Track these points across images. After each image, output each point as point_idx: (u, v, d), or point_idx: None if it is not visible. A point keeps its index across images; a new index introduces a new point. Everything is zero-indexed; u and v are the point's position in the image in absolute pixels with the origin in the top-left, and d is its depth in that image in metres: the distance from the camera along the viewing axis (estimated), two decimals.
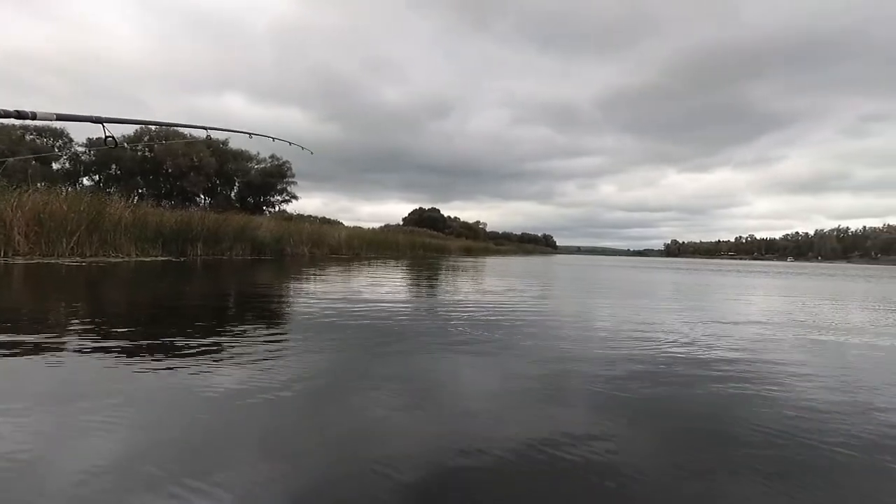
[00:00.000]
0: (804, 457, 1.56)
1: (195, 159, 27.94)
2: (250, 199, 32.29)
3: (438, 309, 5.00)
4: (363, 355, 2.75)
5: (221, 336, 3.06)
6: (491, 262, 22.52)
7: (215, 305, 4.81)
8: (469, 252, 38.47)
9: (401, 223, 55.51)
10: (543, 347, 3.19)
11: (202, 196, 30.53)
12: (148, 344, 2.78)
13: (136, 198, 14.02)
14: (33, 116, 1.63)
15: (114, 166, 28.18)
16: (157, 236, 11.92)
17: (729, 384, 2.44)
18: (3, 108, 1.62)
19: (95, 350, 2.57)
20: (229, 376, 2.15)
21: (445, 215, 69.63)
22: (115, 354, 2.50)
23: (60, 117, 1.75)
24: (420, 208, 67.27)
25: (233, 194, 32.65)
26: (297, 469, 1.36)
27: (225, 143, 31.04)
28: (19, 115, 1.62)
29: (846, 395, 2.34)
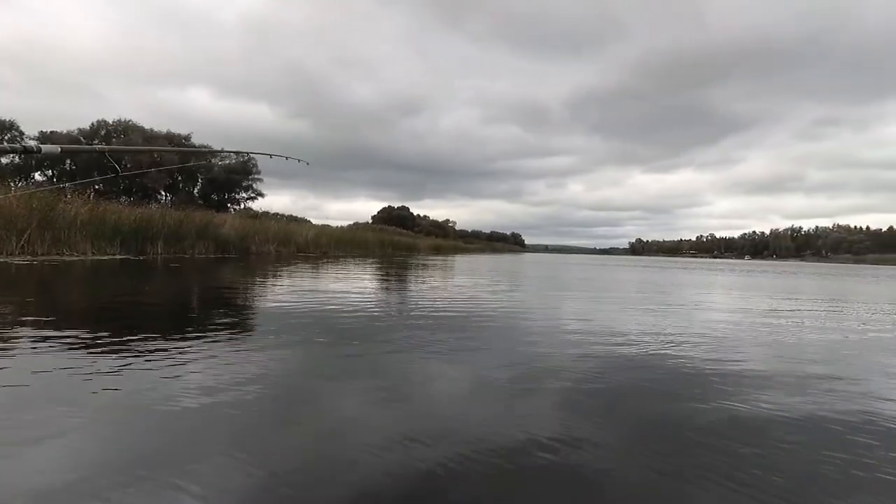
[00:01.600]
0: (767, 453, 1.66)
1: (156, 155, 27.05)
2: (214, 196, 31.48)
3: (405, 308, 5.03)
4: (328, 356, 2.76)
5: (181, 337, 3.02)
6: (460, 260, 22.64)
7: (175, 306, 4.71)
8: (438, 250, 38.52)
9: (370, 221, 55.10)
10: (513, 347, 3.26)
11: (163, 193, 29.60)
12: (102, 347, 2.72)
13: (93, 194, 13.50)
14: (38, 150, 1.65)
15: (68, 161, 27.02)
16: (116, 234, 11.52)
17: (691, 375, 2.57)
18: (10, 144, 1.66)
19: (45, 352, 2.51)
20: (189, 379, 2.13)
21: (415, 213, 69.50)
22: (68, 357, 2.45)
23: (65, 150, 1.74)
24: (389, 206, 66.91)
25: (196, 191, 31.76)
26: (264, 471, 1.34)
27: (187, 137, 30.15)
28: (25, 150, 1.66)
29: (792, 371, 2.50)
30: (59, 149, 1.73)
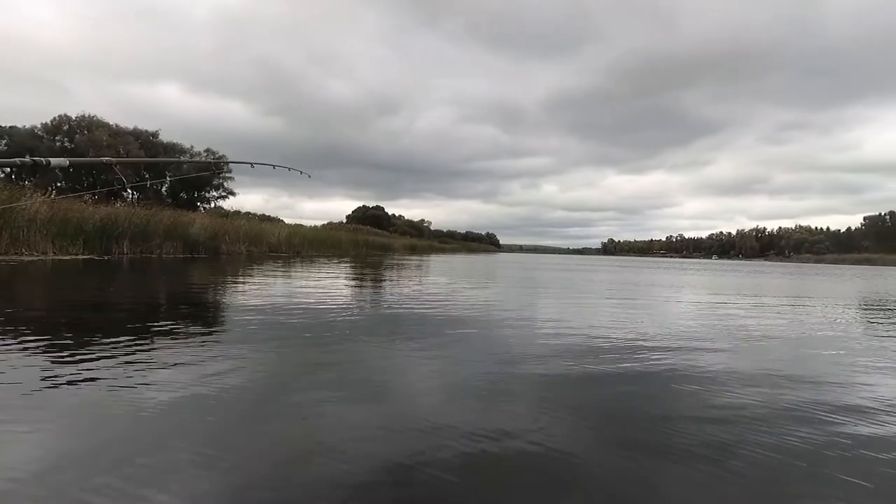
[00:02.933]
0: (733, 442, 1.75)
1: (122, 151, 26.29)
2: (183, 195, 30.76)
3: (376, 309, 5.05)
4: (297, 358, 2.75)
5: (146, 340, 2.98)
6: (435, 260, 22.68)
7: (140, 307, 4.63)
8: (413, 250, 38.48)
9: (344, 221, 54.64)
10: (488, 345, 3.32)
11: (130, 191, 28.77)
12: (63, 350, 2.67)
13: (55, 192, 13.04)
14: (47, 164, 1.69)
15: (28, 157, 25.98)
16: (79, 233, 11.18)
17: (662, 371, 2.66)
18: (20, 158, 1.70)
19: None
20: (156, 382, 2.11)
21: (390, 213, 69.22)
22: (25, 361, 2.40)
23: (73, 163, 1.78)
24: (364, 206, 66.44)
25: (164, 189, 30.96)
26: (235, 475, 1.33)
27: (155, 134, 29.37)
28: (35, 164, 1.69)
29: (752, 366, 2.63)
30: (68, 161, 1.76)
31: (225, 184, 32.52)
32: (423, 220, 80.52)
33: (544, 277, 12.16)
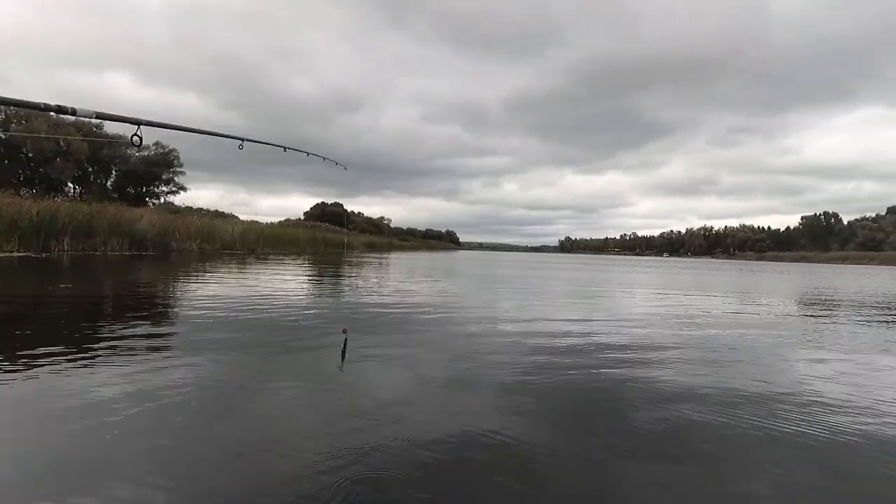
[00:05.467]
0: (688, 432, 1.89)
1: (62, 143, 24.87)
2: (130, 190, 29.39)
3: (330, 308, 5.05)
4: (249, 360, 2.74)
5: (89, 344, 2.91)
6: (394, 258, 22.60)
7: (81, 308, 4.46)
8: (372, 248, 38.18)
9: (302, 218, 53.57)
10: (450, 342, 3.38)
11: (71, 185, 27.28)
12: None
13: None
14: (73, 112, 1.57)
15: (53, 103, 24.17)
16: (13, 229, 10.54)
17: (617, 367, 2.79)
18: (45, 101, 1.59)
19: None
20: (103, 389, 2.05)
21: (350, 210, 68.44)
22: None
23: (100, 115, 1.66)
24: (322, 203, 65.32)
25: (109, 184, 29.50)
26: (189, 483, 1.29)
27: (99, 126, 27.91)
28: (59, 109, 1.57)
29: (709, 363, 2.79)
30: (95, 113, 1.68)
31: (175, 178, 31.30)
32: (382, 218, 79.97)
33: (507, 275, 12.36)
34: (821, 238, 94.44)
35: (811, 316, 5.80)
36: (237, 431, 1.63)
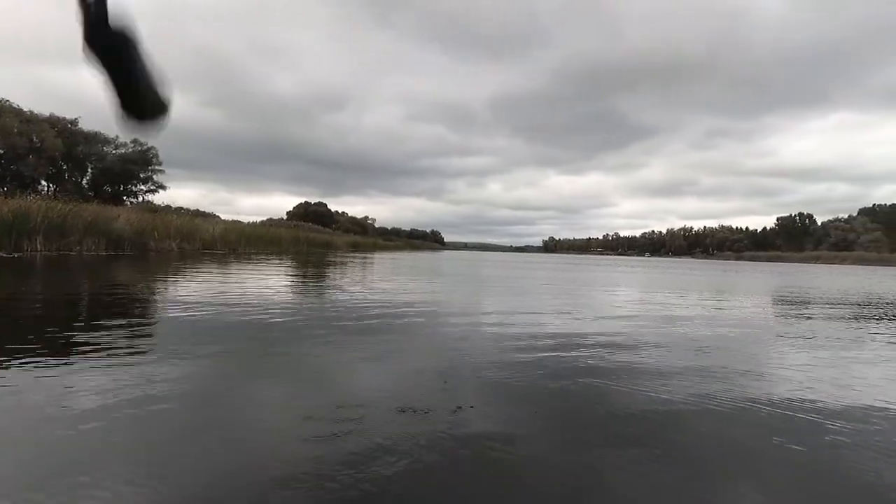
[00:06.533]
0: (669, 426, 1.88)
1: (35, 139, 24.25)
2: (107, 188, 28.81)
3: (311, 309, 4.97)
4: (230, 362, 2.67)
5: (66, 346, 2.80)
6: (378, 258, 22.50)
7: (57, 309, 4.31)
8: (356, 248, 37.94)
9: (285, 217, 53.11)
10: (435, 343, 3.35)
11: (45, 183, 26.61)
12: None
13: None
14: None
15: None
16: None
17: (599, 363, 2.79)
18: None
19: None
20: (81, 393, 1.97)
21: (333, 210, 68.02)
22: None
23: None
24: (306, 202, 64.85)
25: (85, 182, 28.86)
26: (170, 489, 1.26)
27: (74, 122, 27.27)
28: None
29: (691, 362, 2.81)
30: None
31: (154, 177, 30.77)
32: (366, 218, 79.71)
33: (493, 276, 12.37)
34: (796, 238, 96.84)
35: (794, 314, 5.90)
36: (217, 432, 1.58)
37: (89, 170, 29.07)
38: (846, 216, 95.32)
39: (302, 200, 65.74)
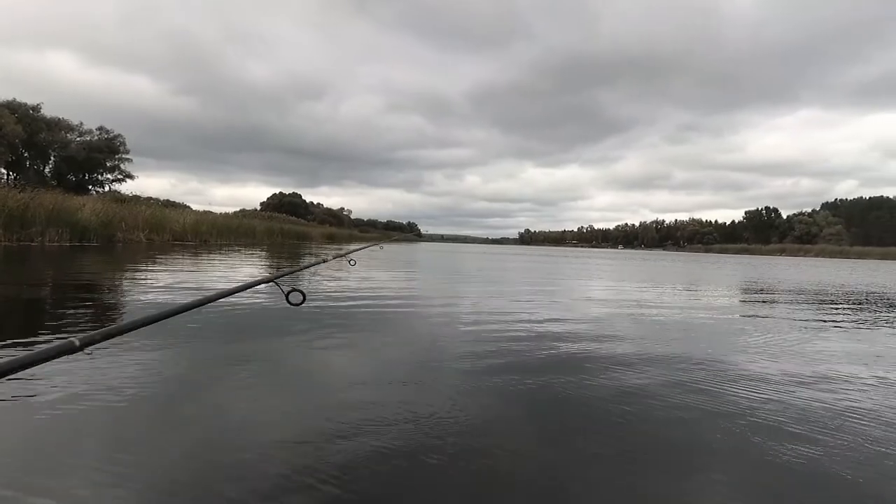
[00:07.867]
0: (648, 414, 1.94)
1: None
2: (71, 177, 27.81)
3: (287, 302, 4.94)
4: (203, 356, 2.67)
5: (32, 339, 2.74)
6: (354, 249, 22.31)
7: (18, 301, 4.20)
8: (332, 239, 37.60)
9: (258, 208, 52.20)
10: (414, 336, 3.38)
11: (4, 171, 25.56)
12: None
13: None
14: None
15: None
16: None
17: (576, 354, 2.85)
18: None
19: None
20: (49, 387, 1.92)
21: (309, 201, 67.15)
22: None
23: None
24: (280, 193, 63.77)
25: (47, 170, 27.80)
26: (144, 484, 1.24)
27: (36, 108, 26.19)
28: None
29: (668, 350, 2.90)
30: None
31: (121, 165, 29.83)
32: (342, 209, 78.93)
33: (471, 268, 12.43)
34: (762, 231, 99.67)
35: (752, 302, 6.12)
36: (192, 427, 1.59)
37: (52, 158, 28.02)
38: (810, 210, 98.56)
39: (276, 191, 64.65)
